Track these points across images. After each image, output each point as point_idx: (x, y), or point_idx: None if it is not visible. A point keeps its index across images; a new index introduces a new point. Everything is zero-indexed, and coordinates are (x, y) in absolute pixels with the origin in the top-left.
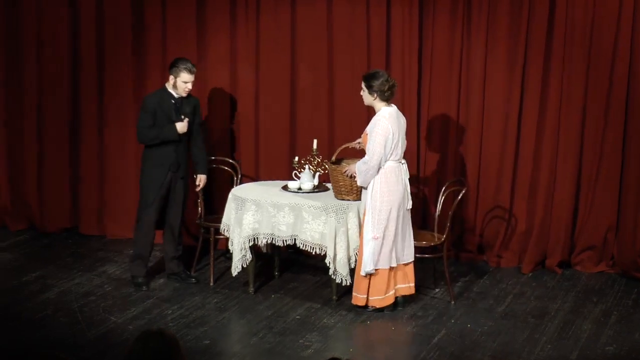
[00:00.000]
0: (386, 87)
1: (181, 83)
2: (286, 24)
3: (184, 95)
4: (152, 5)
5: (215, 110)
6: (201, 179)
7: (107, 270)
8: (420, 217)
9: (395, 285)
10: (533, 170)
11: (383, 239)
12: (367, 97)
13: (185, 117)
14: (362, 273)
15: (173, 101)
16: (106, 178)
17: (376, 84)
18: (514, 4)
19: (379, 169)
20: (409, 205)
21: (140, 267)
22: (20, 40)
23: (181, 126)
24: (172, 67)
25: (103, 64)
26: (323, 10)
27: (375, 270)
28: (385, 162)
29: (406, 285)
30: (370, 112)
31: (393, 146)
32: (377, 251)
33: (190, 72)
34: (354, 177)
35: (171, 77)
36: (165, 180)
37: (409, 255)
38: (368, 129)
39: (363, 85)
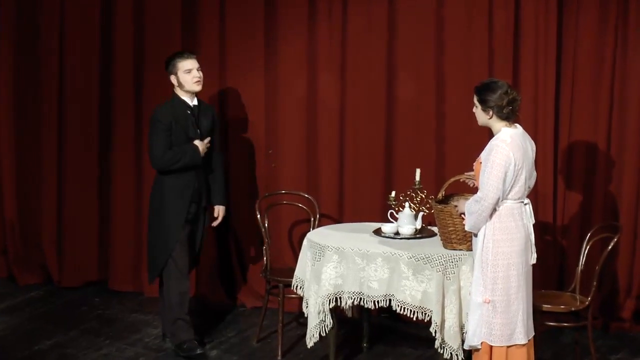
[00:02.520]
0: (505, 102)
1: (184, 75)
2: (382, 21)
3: (197, 88)
4: None
5: (287, 130)
6: (220, 211)
7: (144, 337)
8: (557, 273)
9: None
10: None
11: (498, 304)
12: (481, 116)
13: (204, 136)
14: (466, 346)
15: (189, 111)
16: (144, 219)
17: (492, 97)
18: None
19: (493, 211)
20: (533, 259)
21: (185, 328)
22: (38, 44)
23: (202, 147)
24: (167, 66)
25: (142, 74)
26: (431, 3)
27: (490, 346)
28: (503, 201)
29: None
30: (492, 134)
31: (514, 181)
32: (489, 320)
33: (188, 56)
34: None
35: (172, 77)
36: (188, 215)
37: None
38: (483, 155)
39: (475, 99)
